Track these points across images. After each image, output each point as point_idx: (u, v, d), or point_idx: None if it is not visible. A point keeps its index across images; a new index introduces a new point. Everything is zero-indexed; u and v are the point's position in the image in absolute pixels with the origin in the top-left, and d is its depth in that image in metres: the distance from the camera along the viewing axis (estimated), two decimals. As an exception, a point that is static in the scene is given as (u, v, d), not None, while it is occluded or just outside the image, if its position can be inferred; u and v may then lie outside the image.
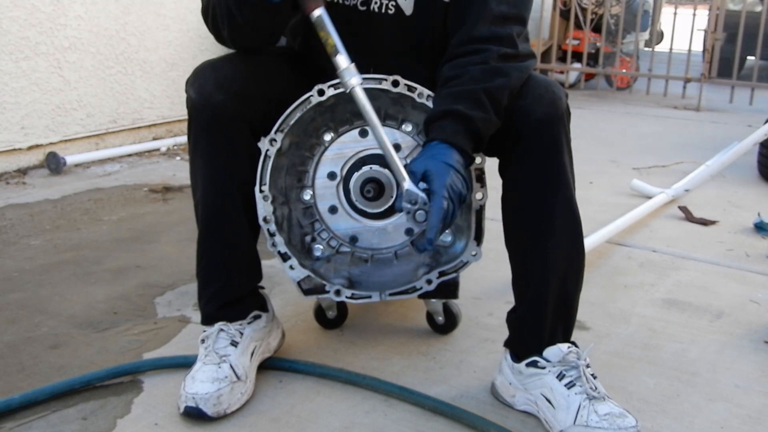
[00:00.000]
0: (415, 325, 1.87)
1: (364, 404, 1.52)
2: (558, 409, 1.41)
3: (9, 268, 2.22)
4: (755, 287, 2.20)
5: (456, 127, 1.37)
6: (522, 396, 1.50)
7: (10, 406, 1.46)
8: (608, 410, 1.37)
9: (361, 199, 1.58)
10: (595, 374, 1.45)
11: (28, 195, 3.00)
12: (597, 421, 1.35)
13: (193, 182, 1.57)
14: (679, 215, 2.87)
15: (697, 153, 3.87)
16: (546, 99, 1.45)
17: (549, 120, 1.44)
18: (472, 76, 1.40)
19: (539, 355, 1.48)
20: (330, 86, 1.48)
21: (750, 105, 5.62)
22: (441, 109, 1.40)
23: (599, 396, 1.40)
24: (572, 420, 1.37)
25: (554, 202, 1.45)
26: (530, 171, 1.46)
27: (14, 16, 3.23)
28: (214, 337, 1.54)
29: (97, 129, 3.69)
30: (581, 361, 1.45)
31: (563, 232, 1.47)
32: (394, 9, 1.52)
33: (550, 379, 1.44)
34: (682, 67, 6.00)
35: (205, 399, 1.43)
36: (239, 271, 1.59)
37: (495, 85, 1.39)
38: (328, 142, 1.59)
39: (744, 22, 5.71)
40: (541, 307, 1.48)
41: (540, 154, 1.45)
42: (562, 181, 1.45)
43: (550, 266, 1.46)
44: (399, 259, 1.64)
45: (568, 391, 1.41)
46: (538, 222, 1.47)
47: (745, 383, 1.64)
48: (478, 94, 1.38)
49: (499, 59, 1.42)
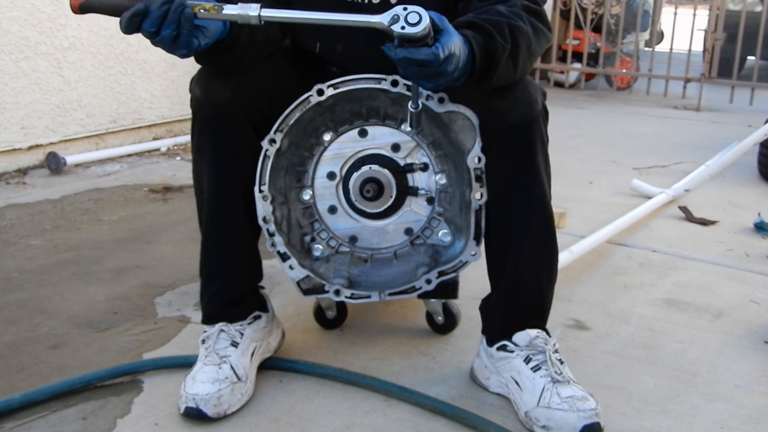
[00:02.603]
0: (415, 325, 1.87)
1: (364, 404, 1.52)
2: (524, 391, 1.47)
3: (9, 268, 2.22)
4: (755, 287, 2.20)
5: (476, 35, 1.30)
6: (495, 379, 1.56)
7: (10, 406, 1.46)
8: (571, 393, 1.43)
9: (360, 199, 1.58)
10: (562, 359, 1.51)
11: (28, 195, 3.00)
12: (558, 403, 1.41)
13: (197, 180, 1.57)
14: (679, 215, 2.87)
15: (697, 153, 3.87)
16: (522, 101, 1.47)
17: (523, 123, 1.47)
18: (498, 11, 1.37)
19: (509, 339, 1.54)
20: (329, 86, 1.48)
21: (750, 105, 5.62)
22: (465, 20, 1.34)
23: (563, 380, 1.45)
24: (536, 402, 1.44)
25: (528, 202, 1.51)
26: (505, 172, 1.49)
27: (14, 16, 3.23)
28: (214, 338, 1.54)
29: (97, 129, 3.69)
30: (548, 346, 1.51)
31: (536, 231, 1.52)
32: None
33: (518, 362, 1.51)
34: (682, 67, 6.01)
35: (206, 400, 1.43)
36: (240, 271, 1.60)
37: (518, 25, 1.35)
38: (328, 142, 1.59)
39: (744, 22, 5.71)
40: (512, 299, 1.55)
41: (514, 156, 1.49)
42: (537, 182, 1.50)
43: (522, 262, 1.53)
44: (398, 259, 1.64)
45: (533, 374, 1.48)
46: (513, 221, 1.52)
47: (745, 383, 1.64)
48: (502, 25, 1.34)
49: (523, 10, 1.39)
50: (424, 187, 1.59)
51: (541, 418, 1.42)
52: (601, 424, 1.40)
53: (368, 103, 1.54)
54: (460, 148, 1.50)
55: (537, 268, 1.55)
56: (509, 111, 1.45)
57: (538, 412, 1.43)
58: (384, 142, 1.58)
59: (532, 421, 1.43)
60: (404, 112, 1.56)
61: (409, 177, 1.59)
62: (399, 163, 1.58)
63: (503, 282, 1.56)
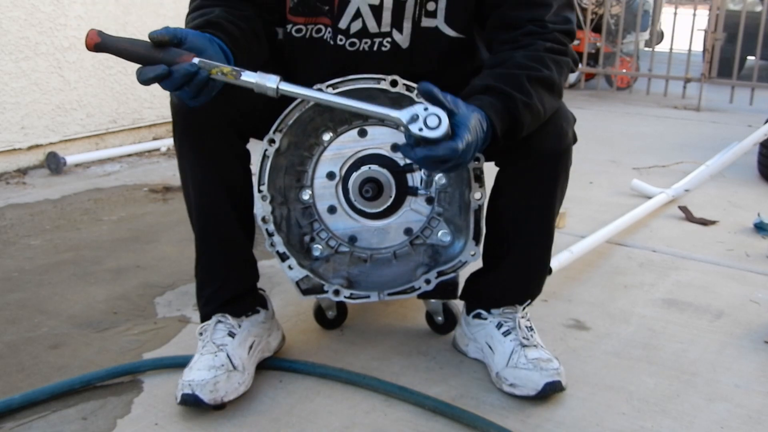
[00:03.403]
0: (415, 325, 1.87)
1: (364, 404, 1.52)
2: (496, 353, 1.59)
3: (9, 268, 2.22)
4: (755, 287, 2.19)
5: (493, 101, 1.33)
6: (473, 345, 1.68)
7: (10, 406, 1.46)
8: (537, 355, 1.54)
9: (360, 199, 1.58)
10: (532, 327, 1.64)
11: (28, 195, 3.00)
12: (524, 363, 1.52)
13: (184, 186, 1.58)
14: (679, 215, 2.86)
15: (697, 153, 3.87)
16: (552, 134, 1.49)
17: (551, 155, 1.51)
18: (517, 62, 1.39)
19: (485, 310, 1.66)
20: (328, 86, 1.48)
21: (750, 105, 5.61)
22: (482, 84, 1.37)
23: (530, 344, 1.57)
24: (505, 362, 1.55)
25: (536, 222, 1.58)
26: (521, 194, 1.55)
27: (14, 16, 3.23)
28: (211, 329, 1.55)
29: (97, 129, 3.69)
30: (518, 314, 1.62)
31: (536, 247, 1.62)
32: (389, 45, 1.51)
33: (491, 328, 1.62)
34: (682, 67, 6.00)
35: (202, 385, 1.42)
36: (236, 272, 1.60)
37: (540, 74, 1.38)
38: (327, 141, 1.59)
39: (744, 22, 5.71)
40: (500, 289, 1.65)
41: (534, 186, 1.54)
42: (548, 207, 1.57)
43: (516, 268, 1.62)
44: (398, 259, 1.64)
45: (504, 338, 1.59)
46: (516, 233, 1.59)
47: (745, 383, 1.64)
48: (521, 79, 1.36)
49: (546, 52, 1.41)
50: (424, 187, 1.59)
51: (509, 377, 1.53)
52: (562, 383, 1.51)
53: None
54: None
55: (528, 277, 1.65)
56: (538, 141, 1.48)
57: (506, 372, 1.54)
58: (383, 141, 1.58)
59: (502, 380, 1.54)
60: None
61: (408, 177, 1.59)
62: (398, 163, 1.58)
63: (495, 275, 1.64)
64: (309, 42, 1.52)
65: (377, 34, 1.49)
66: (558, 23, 1.44)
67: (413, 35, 1.49)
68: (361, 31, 1.50)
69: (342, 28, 1.50)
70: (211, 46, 1.29)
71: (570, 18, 1.47)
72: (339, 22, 1.50)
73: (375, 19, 1.48)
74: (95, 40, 1.23)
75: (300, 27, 1.50)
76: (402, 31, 1.49)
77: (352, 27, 1.50)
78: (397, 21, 1.48)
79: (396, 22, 1.48)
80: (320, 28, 1.51)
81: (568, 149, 1.54)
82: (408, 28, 1.49)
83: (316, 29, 1.51)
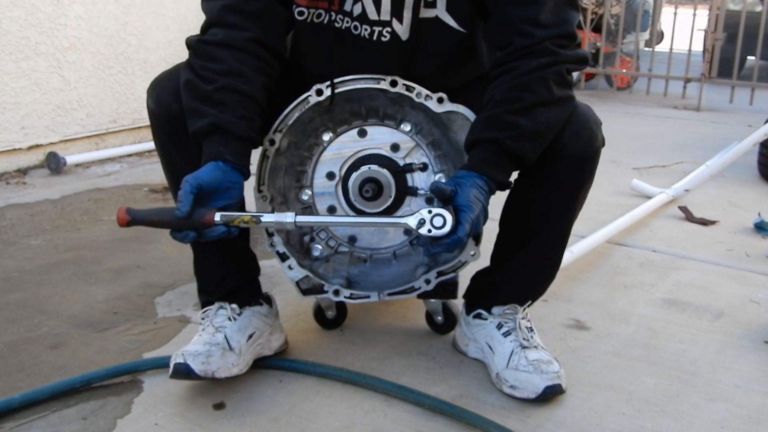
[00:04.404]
0: (415, 325, 1.87)
1: (364, 404, 1.52)
2: (496, 354, 1.59)
3: (9, 268, 2.22)
4: (755, 287, 2.19)
5: (484, 153, 1.38)
6: (473, 345, 1.68)
7: (10, 406, 1.46)
8: (537, 357, 1.54)
9: (359, 199, 1.58)
10: (532, 327, 1.63)
11: (28, 195, 3.00)
12: (525, 366, 1.52)
13: (169, 188, 1.59)
14: (679, 215, 2.86)
15: (697, 153, 3.87)
16: (583, 136, 1.50)
17: (582, 157, 1.51)
18: (499, 98, 1.39)
19: (486, 310, 1.66)
20: (328, 86, 1.48)
21: (750, 105, 5.61)
22: (470, 139, 1.42)
23: (530, 345, 1.57)
24: (505, 364, 1.55)
25: (555, 224, 1.58)
26: (546, 195, 1.54)
27: (14, 16, 3.23)
28: (212, 314, 1.58)
29: (97, 129, 3.69)
30: (518, 315, 1.62)
31: (550, 249, 1.62)
32: (389, 36, 1.50)
33: (491, 328, 1.63)
34: (682, 67, 6.00)
35: (194, 356, 1.45)
36: (234, 267, 1.61)
37: (521, 105, 1.38)
38: (327, 142, 1.59)
39: (744, 22, 5.71)
40: (504, 290, 1.65)
41: (560, 189, 1.53)
42: (569, 209, 1.57)
43: (524, 267, 1.62)
44: (398, 259, 1.64)
45: (504, 339, 1.59)
46: (532, 234, 1.58)
47: (745, 383, 1.64)
48: (501, 116, 1.38)
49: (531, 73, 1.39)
50: (424, 187, 1.59)
51: (509, 379, 1.53)
52: (562, 386, 1.51)
53: (367, 103, 1.54)
54: (460, 148, 1.50)
55: (535, 279, 1.66)
56: (569, 143, 1.48)
57: (506, 374, 1.54)
58: (383, 142, 1.58)
59: (502, 381, 1.54)
60: (403, 112, 1.56)
61: (408, 177, 1.59)
62: (398, 163, 1.58)
63: (501, 274, 1.64)
64: (310, 26, 1.51)
65: (377, 21, 1.48)
66: (552, 26, 1.39)
67: (413, 27, 1.48)
68: (361, 16, 1.48)
69: (345, 10, 1.49)
70: (224, 179, 1.36)
71: (568, 18, 1.42)
72: (343, 4, 1.48)
73: (374, 4, 1.47)
74: (126, 219, 1.35)
75: (302, 9, 1.49)
76: (402, 21, 1.48)
77: (354, 10, 1.49)
78: (396, 10, 1.47)
79: (396, 11, 1.47)
80: (320, 12, 1.50)
81: (598, 152, 1.53)
82: (408, 18, 1.47)
83: (317, 14, 1.50)
